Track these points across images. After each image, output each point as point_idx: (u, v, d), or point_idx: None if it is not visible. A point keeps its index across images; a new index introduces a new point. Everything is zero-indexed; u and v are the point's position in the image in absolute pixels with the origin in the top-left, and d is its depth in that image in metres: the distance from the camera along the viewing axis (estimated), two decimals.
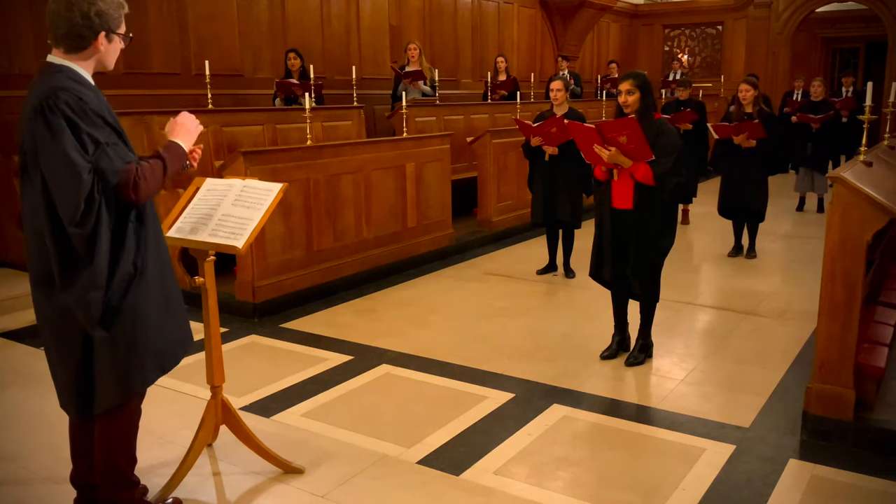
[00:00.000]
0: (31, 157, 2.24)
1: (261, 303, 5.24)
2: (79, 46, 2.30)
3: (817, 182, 9.13)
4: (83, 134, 2.20)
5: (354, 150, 6.09)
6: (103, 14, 2.28)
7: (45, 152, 2.19)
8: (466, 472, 3.12)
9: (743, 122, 6.39)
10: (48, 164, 2.19)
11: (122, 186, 2.26)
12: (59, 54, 2.31)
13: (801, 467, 3.15)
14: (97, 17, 2.27)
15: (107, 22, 2.30)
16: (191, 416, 3.29)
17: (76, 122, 2.20)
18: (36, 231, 2.29)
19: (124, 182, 2.26)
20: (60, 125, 2.18)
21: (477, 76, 11.42)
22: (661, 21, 16.63)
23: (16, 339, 4.68)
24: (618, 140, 3.94)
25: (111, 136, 2.29)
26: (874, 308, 4.00)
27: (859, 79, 15.31)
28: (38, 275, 2.33)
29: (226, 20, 7.82)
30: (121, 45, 2.40)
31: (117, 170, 2.25)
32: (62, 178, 2.18)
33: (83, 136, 2.20)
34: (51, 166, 2.19)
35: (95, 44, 2.31)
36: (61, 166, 2.17)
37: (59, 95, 2.20)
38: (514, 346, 4.65)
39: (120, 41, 2.39)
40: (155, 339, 2.44)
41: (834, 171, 3.28)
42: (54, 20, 2.28)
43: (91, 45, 2.30)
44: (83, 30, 2.27)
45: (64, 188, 2.18)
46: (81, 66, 2.32)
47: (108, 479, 2.51)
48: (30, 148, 2.24)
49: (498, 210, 7.84)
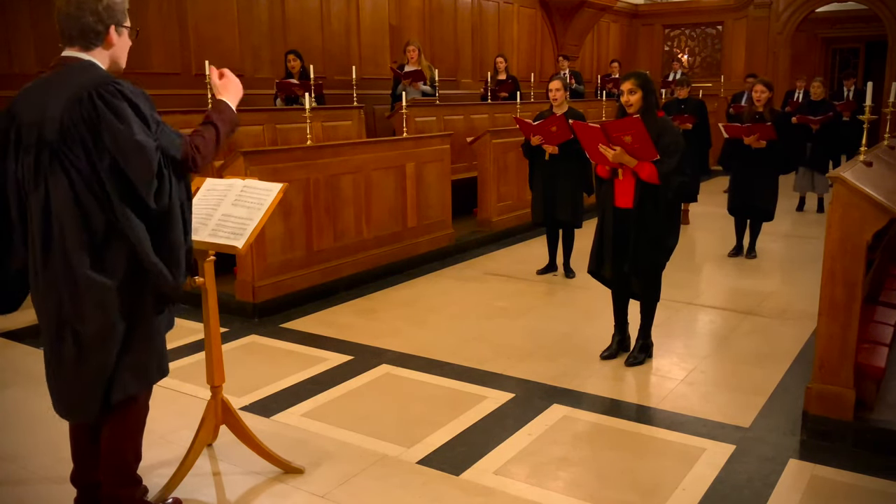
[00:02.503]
0: (79, 144, 2.23)
1: (261, 303, 5.24)
2: (94, 43, 2.33)
3: (817, 182, 9.14)
4: (146, 115, 2.26)
5: (354, 150, 6.09)
6: (111, 7, 2.32)
7: (115, 135, 2.21)
8: (466, 472, 3.12)
9: (755, 124, 6.40)
10: (119, 146, 2.22)
11: (182, 161, 2.35)
12: (77, 51, 2.33)
13: (801, 467, 3.15)
14: (106, 10, 2.30)
15: (115, 15, 2.33)
16: (191, 416, 3.29)
17: (137, 105, 2.25)
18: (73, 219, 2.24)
19: (184, 155, 2.35)
20: (126, 109, 2.22)
21: (477, 76, 11.43)
22: (661, 21, 16.64)
23: (16, 339, 4.68)
24: (623, 139, 3.94)
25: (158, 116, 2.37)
26: (874, 308, 4.00)
27: (859, 79, 15.31)
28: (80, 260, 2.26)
29: (226, 20, 7.83)
30: (129, 40, 2.43)
31: (178, 144, 2.34)
32: (135, 158, 2.22)
33: (146, 117, 2.26)
34: (123, 148, 2.22)
35: (108, 38, 2.33)
36: (134, 147, 2.21)
37: (117, 81, 2.26)
38: (514, 346, 4.65)
39: (128, 35, 2.42)
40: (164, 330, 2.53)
41: (834, 171, 3.28)
42: (66, 21, 2.30)
43: (105, 40, 2.33)
44: (96, 25, 2.30)
45: (137, 166, 2.22)
46: (101, 63, 2.35)
47: (113, 475, 2.51)
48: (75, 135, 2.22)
49: (498, 210, 7.83)
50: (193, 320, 4.41)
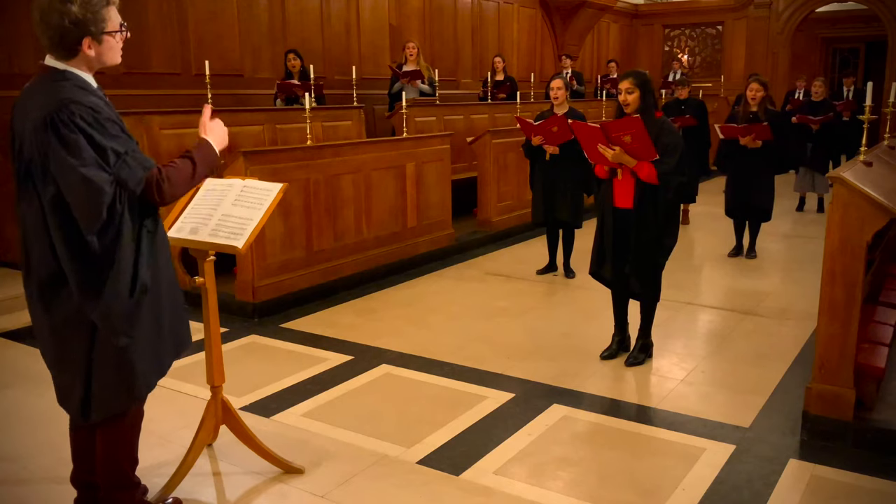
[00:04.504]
0: (39, 167, 2.17)
1: (261, 303, 5.25)
2: (70, 53, 2.22)
3: (817, 182, 9.13)
4: (103, 146, 2.15)
5: (354, 150, 6.09)
6: (80, 22, 2.17)
7: (61, 167, 2.12)
8: (466, 472, 3.11)
9: (751, 124, 6.37)
10: (65, 179, 2.12)
11: (146, 192, 2.25)
12: (54, 59, 2.24)
13: (801, 467, 3.15)
14: (73, 25, 2.17)
15: (86, 27, 2.19)
16: (191, 416, 3.29)
17: (93, 136, 2.14)
18: (39, 240, 2.23)
19: (147, 188, 2.24)
20: (77, 140, 2.12)
21: (477, 76, 11.43)
22: (661, 21, 16.64)
23: (16, 339, 4.69)
24: (622, 139, 3.94)
25: (128, 143, 2.25)
26: (874, 308, 4.00)
27: (859, 79, 15.31)
28: (41, 283, 2.26)
29: (226, 20, 7.83)
30: (118, 41, 2.30)
31: (139, 179, 2.23)
32: (81, 193, 2.12)
33: (104, 149, 2.15)
34: (68, 181, 2.12)
35: (83, 50, 2.22)
36: (79, 182, 2.11)
37: (72, 109, 2.13)
38: (514, 346, 4.65)
39: (115, 38, 2.29)
40: (158, 344, 2.43)
41: (834, 171, 3.28)
42: (39, 30, 2.21)
43: (80, 52, 2.22)
44: (67, 37, 2.18)
45: (83, 202, 2.13)
46: (82, 70, 2.26)
47: (109, 480, 2.51)
48: (36, 159, 2.17)
49: (498, 210, 7.83)
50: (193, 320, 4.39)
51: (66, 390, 2.41)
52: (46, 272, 2.24)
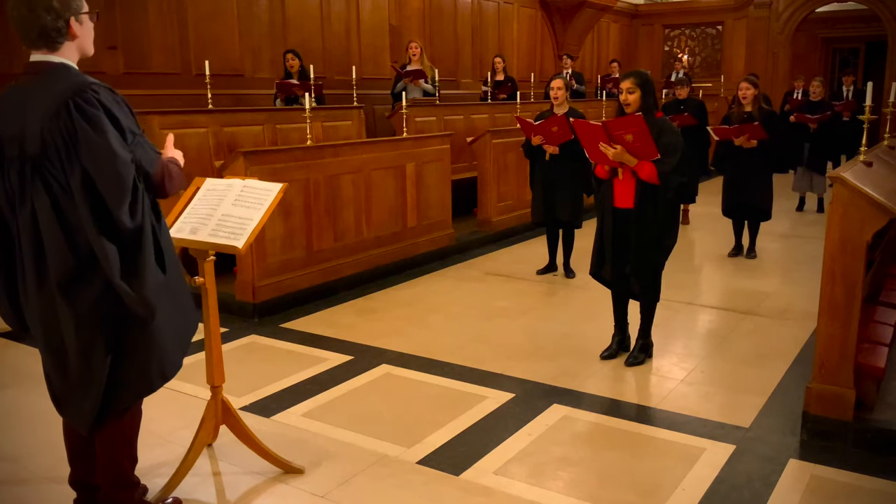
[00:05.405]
0: (58, 156, 2.17)
1: (261, 303, 5.25)
2: (57, 41, 2.23)
3: (816, 182, 9.13)
4: (122, 126, 2.20)
5: (354, 150, 6.09)
6: (65, 2, 2.21)
7: (89, 145, 2.14)
8: (466, 472, 3.11)
9: (743, 124, 6.38)
10: (93, 157, 2.15)
11: (156, 176, 2.29)
12: (45, 54, 2.24)
13: (801, 467, 3.15)
14: (59, 4, 2.20)
15: (69, 6, 2.23)
16: (191, 416, 3.29)
17: (114, 114, 2.19)
18: (53, 240, 2.20)
19: (158, 172, 2.29)
20: (101, 118, 2.15)
21: (477, 76, 11.43)
22: (661, 21, 16.65)
23: (16, 339, 4.69)
24: (624, 138, 3.94)
25: (137, 127, 2.30)
26: (874, 308, 4.00)
27: (859, 79, 15.31)
28: (61, 283, 2.22)
29: (226, 20, 7.83)
30: (91, 24, 2.33)
31: (153, 160, 2.29)
32: (110, 168, 2.15)
33: (123, 129, 2.20)
34: (97, 158, 2.15)
35: (71, 32, 2.24)
36: (109, 157, 2.14)
37: (95, 88, 2.18)
38: (514, 346, 4.65)
39: (89, 20, 2.31)
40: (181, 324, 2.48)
41: (834, 171, 3.28)
42: (22, 25, 2.20)
43: (68, 35, 2.24)
44: (55, 22, 2.20)
45: (112, 177, 2.15)
46: (71, 61, 2.28)
47: (110, 479, 2.51)
48: (54, 148, 2.16)
49: (498, 210, 7.83)
50: None
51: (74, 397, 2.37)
52: (65, 269, 2.22)
